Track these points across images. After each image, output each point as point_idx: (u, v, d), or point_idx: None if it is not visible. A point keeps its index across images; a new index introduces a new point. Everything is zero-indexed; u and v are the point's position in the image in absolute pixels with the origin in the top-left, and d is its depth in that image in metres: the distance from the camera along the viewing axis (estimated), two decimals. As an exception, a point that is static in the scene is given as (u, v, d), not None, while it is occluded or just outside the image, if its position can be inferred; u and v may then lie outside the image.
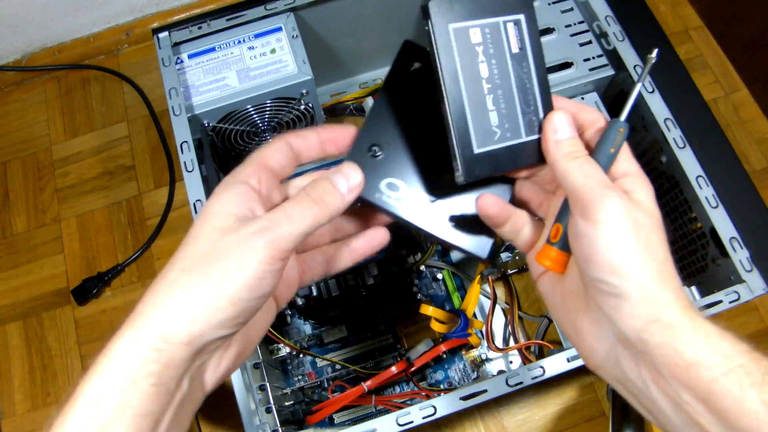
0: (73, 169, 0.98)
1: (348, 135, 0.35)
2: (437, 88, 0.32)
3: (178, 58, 0.67)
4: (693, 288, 0.63)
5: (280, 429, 0.54)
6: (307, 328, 0.78)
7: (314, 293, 0.65)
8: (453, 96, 0.31)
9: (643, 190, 0.30)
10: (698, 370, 0.26)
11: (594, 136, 0.32)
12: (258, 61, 0.67)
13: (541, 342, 0.77)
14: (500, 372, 0.77)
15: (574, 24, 0.69)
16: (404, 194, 0.36)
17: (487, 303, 0.77)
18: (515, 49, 0.33)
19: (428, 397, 0.70)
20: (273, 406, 0.55)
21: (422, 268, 0.80)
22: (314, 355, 0.74)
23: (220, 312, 0.27)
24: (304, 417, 0.67)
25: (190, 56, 0.67)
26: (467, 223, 0.36)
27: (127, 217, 0.94)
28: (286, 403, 0.66)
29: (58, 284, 0.91)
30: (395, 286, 0.76)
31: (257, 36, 0.68)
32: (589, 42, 0.68)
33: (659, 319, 0.27)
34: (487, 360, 0.76)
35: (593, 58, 0.67)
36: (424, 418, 0.51)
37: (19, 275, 0.92)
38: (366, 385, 0.67)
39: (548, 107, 0.33)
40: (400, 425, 0.50)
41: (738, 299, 0.55)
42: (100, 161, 0.99)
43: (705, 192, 0.58)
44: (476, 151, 0.32)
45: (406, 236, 0.69)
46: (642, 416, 0.30)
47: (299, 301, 0.66)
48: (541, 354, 0.76)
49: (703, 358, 0.26)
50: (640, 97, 0.62)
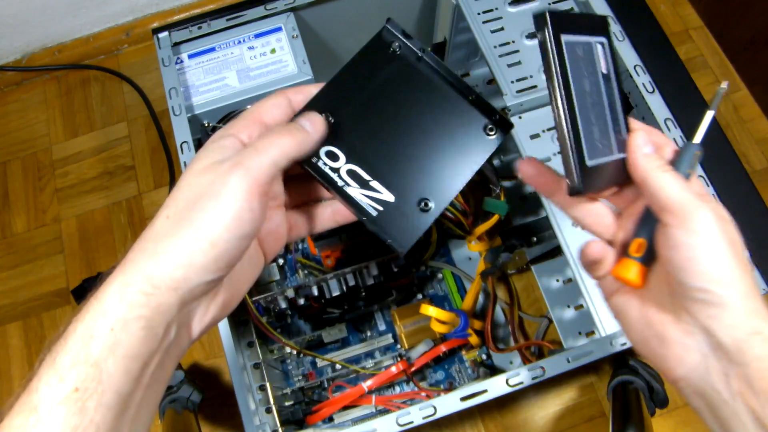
0: (73, 169, 0.98)
1: None
2: (550, 96, 0.31)
3: (178, 58, 0.67)
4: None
5: (280, 429, 0.54)
6: (307, 328, 0.78)
7: (314, 293, 0.65)
8: (569, 105, 0.31)
9: (721, 209, 0.30)
10: None
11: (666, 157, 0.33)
12: (258, 61, 0.67)
13: (541, 342, 0.77)
14: (500, 372, 0.77)
15: (575, 24, 0.69)
16: (341, 166, 0.35)
17: (487, 303, 0.77)
18: (604, 70, 0.33)
19: (428, 397, 0.70)
20: (273, 406, 0.55)
21: (422, 268, 0.80)
22: (314, 355, 0.74)
23: (201, 255, 0.28)
24: (304, 417, 0.67)
25: (190, 56, 0.67)
26: (398, 213, 0.35)
27: (127, 217, 0.94)
28: (286, 403, 0.66)
29: (58, 284, 0.91)
30: (395, 286, 0.76)
31: (257, 36, 0.68)
32: (589, 42, 0.68)
33: (761, 332, 0.27)
34: (487, 360, 0.76)
35: (593, 58, 0.67)
36: (424, 418, 0.51)
37: (19, 275, 0.92)
38: (366, 385, 0.67)
39: (627, 128, 0.34)
40: (400, 425, 0.50)
41: (738, 299, 0.55)
42: (100, 161, 0.99)
43: (705, 192, 0.58)
44: (588, 162, 0.32)
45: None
46: (642, 416, 0.30)
47: (300, 301, 0.66)
48: (541, 354, 0.76)
49: None
50: (640, 97, 0.62)
